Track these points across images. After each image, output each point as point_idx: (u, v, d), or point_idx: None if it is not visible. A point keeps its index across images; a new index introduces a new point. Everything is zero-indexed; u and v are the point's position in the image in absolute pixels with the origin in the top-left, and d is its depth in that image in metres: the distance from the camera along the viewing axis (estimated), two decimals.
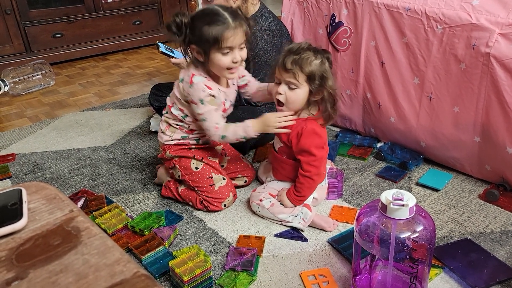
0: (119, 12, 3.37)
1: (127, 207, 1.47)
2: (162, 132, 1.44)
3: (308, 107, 1.31)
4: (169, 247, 1.27)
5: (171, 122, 1.42)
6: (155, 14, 3.56)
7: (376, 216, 0.95)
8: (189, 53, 1.33)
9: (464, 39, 1.38)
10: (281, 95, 1.28)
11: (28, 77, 2.68)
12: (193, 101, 1.32)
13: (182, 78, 1.34)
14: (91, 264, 0.47)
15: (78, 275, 0.46)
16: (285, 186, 1.40)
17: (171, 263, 1.10)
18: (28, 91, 2.66)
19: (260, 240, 1.27)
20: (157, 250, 1.23)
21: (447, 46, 1.43)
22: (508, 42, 1.28)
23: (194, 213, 1.42)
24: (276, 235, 1.30)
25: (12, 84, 2.60)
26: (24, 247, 0.51)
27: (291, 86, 1.26)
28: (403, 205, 0.89)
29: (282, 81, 1.27)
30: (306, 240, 1.27)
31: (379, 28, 1.62)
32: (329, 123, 1.34)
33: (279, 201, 1.36)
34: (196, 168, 1.42)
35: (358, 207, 1.42)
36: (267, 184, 1.44)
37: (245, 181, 1.55)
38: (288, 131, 1.31)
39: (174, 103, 1.40)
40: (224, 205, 1.41)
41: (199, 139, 1.45)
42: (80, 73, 3.04)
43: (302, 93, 1.26)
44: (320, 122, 1.31)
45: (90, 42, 3.30)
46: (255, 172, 1.59)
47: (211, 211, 1.41)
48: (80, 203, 1.42)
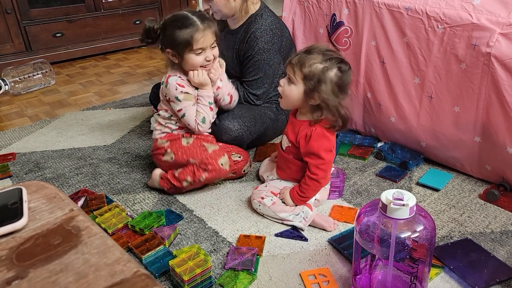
0: (120, 11, 3.37)
1: (127, 207, 1.47)
2: (155, 129, 1.56)
3: (311, 112, 1.30)
4: (169, 246, 1.27)
5: (161, 121, 1.54)
6: (155, 14, 3.55)
7: (376, 216, 0.95)
8: (165, 56, 1.46)
9: (464, 39, 1.38)
10: (281, 87, 1.33)
11: (29, 76, 2.68)
12: (170, 99, 1.47)
13: (163, 81, 1.49)
14: (91, 264, 0.47)
15: (78, 274, 0.46)
16: (287, 185, 1.40)
17: (171, 263, 1.10)
18: (28, 91, 2.66)
19: (260, 239, 1.27)
20: (157, 249, 1.23)
21: (447, 46, 1.43)
22: (508, 42, 1.28)
23: (195, 212, 1.42)
24: (276, 235, 1.30)
25: (13, 83, 2.60)
26: (24, 247, 0.51)
27: (289, 81, 1.30)
28: (403, 204, 0.89)
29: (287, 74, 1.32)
30: (306, 239, 1.27)
31: (380, 27, 1.62)
32: (337, 131, 1.31)
33: (281, 199, 1.36)
34: (187, 143, 1.49)
35: (358, 207, 1.42)
36: (269, 183, 1.44)
37: (239, 156, 1.57)
38: None
39: (161, 104, 1.53)
40: (221, 164, 1.43)
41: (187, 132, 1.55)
42: (81, 72, 3.04)
43: (296, 90, 1.28)
44: (325, 126, 1.30)
45: (91, 42, 3.30)
46: (249, 155, 1.63)
47: (211, 177, 1.43)
48: (81, 203, 1.42)
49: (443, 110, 1.50)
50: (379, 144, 1.77)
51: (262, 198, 1.36)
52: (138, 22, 3.47)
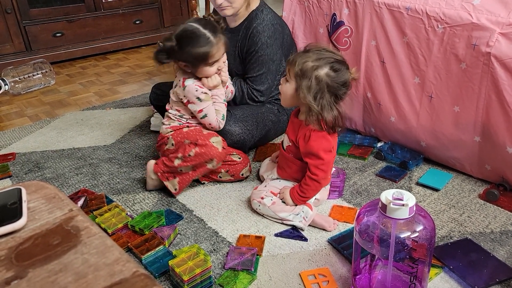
0: (120, 11, 3.37)
1: (127, 207, 1.47)
2: (162, 123, 1.59)
3: (307, 111, 1.27)
4: (169, 246, 1.27)
5: (171, 116, 1.57)
6: (155, 14, 3.55)
7: (376, 216, 0.95)
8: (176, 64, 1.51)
9: (464, 39, 1.38)
10: (280, 85, 1.34)
11: (29, 76, 2.68)
12: (190, 101, 1.49)
13: (176, 84, 1.53)
14: (91, 264, 0.47)
15: (77, 274, 0.46)
16: (287, 184, 1.40)
17: (171, 263, 1.10)
18: (28, 90, 2.66)
19: (260, 239, 1.27)
20: (157, 249, 1.23)
21: (447, 46, 1.43)
22: (508, 42, 1.28)
23: (194, 212, 1.42)
24: (276, 235, 1.30)
25: (13, 83, 2.60)
26: (23, 247, 0.51)
27: (286, 78, 1.32)
28: (403, 204, 0.89)
29: None
30: (306, 239, 1.27)
31: (380, 27, 1.62)
32: (334, 132, 1.30)
33: (281, 198, 1.36)
34: (188, 127, 1.54)
35: (358, 207, 1.42)
36: (269, 183, 1.44)
37: (239, 157, 1.58)
38: None
39: (172, 105, 1.58)
40: (213, 142, 1.45)
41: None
42: (81, 72, 3.04)
43: (290, 87, 1.29)
44: (314, 127, 1.28)
45: (91, 41, 3.30)
46: (249, 160, 1.63)
47: (201, 152, 1.43)
48: (80, 203, 1.42)
49: (443, 110, 1.50)
50: (379, 144, 1.77)
51: (262, 198, 1.36)
52: (138, 22, 3.47)
